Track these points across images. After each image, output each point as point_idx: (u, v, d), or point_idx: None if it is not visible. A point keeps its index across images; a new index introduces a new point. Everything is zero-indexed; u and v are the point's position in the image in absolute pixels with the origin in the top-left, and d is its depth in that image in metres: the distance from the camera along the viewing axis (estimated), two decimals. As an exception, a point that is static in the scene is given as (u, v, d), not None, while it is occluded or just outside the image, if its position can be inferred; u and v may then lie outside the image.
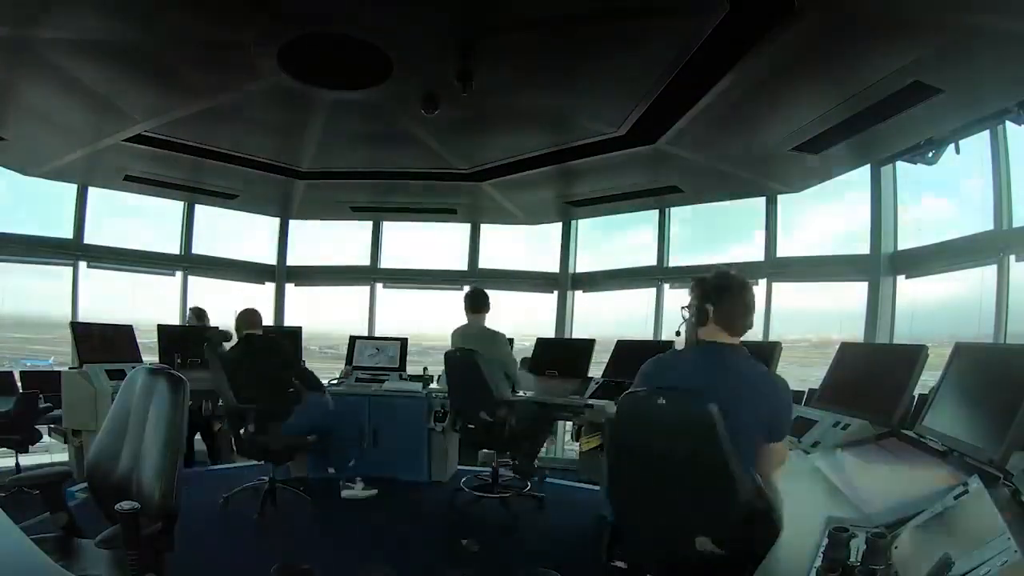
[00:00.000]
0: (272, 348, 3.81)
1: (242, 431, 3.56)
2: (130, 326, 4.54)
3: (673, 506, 1.70)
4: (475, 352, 3.60)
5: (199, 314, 5.10)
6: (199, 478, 4.21)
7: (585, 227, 6.46)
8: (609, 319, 6.40)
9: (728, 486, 1.55)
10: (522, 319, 6.47)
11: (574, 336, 6.14)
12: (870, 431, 2.03)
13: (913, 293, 4.46)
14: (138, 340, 4.53)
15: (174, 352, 4.42)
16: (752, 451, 1.70)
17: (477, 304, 3.92)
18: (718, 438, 1.54)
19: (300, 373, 3.88)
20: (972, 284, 4.00)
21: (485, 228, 6.55)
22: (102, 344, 4.21)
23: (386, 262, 6.67)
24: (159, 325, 4.64)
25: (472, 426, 3.75)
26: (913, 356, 2.02)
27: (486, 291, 4.03)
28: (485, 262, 6.55)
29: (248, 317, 3.82)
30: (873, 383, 2.20)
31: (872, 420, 2.05)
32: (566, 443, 5.64)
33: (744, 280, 1.91)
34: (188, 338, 4.54)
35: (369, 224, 6.62)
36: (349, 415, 4.24)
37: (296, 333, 5.08)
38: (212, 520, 3.52)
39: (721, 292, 1.86)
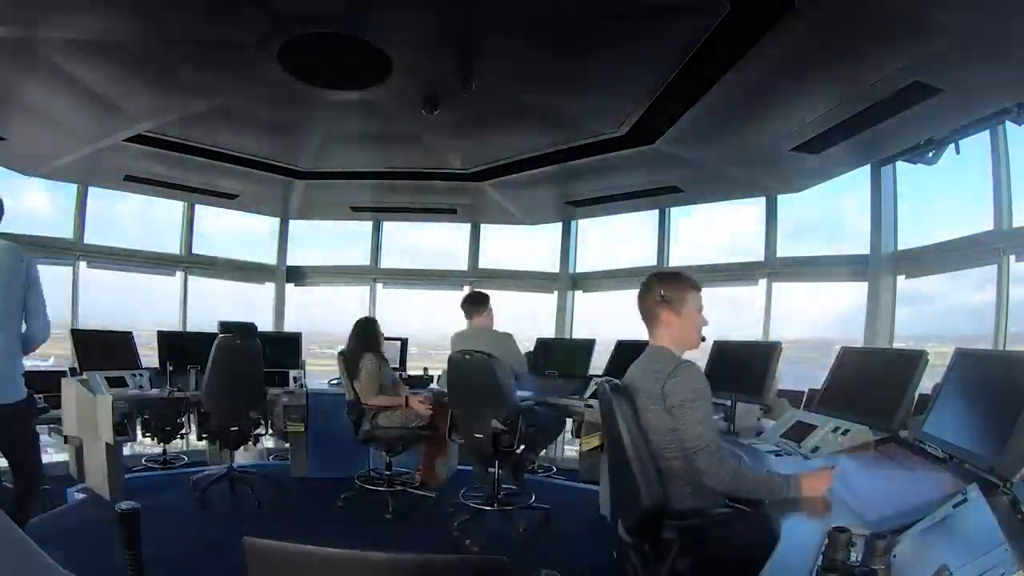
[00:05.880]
0: None
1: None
2: (129, 333, 4.54)
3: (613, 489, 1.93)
4: (489, 355, 3.40)
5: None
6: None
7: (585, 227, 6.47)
8: (609, 319, 6.39)
9: (630, 478, 1.74)
10: (522, 319, 6.48)
11: (574, 336, 6.14)
12: (869, 436, 2.02)
13: (913, 293, 4.47)
14: (139, 341, 4.54)
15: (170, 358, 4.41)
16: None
17: (476, 305, 3.79)
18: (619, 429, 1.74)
19: None
20: (972, 284, 4.01)
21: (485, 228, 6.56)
22: (102, 350, 4.21)
23: (390, 262, 6.67)
24: (159, 332, 4.64)
25: (479, 436, 3.49)
26: (913, 361, 2.02)
27: (485, 292, 3.95)
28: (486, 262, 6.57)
29: None
30: (873, 388, 2.19)
31: (872, 425, 2.05)
32: (566, 443, 5.64)
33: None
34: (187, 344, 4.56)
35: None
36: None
37: (296, 338, 5.08)
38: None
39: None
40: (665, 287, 1.89)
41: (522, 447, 3.51)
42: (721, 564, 1.69)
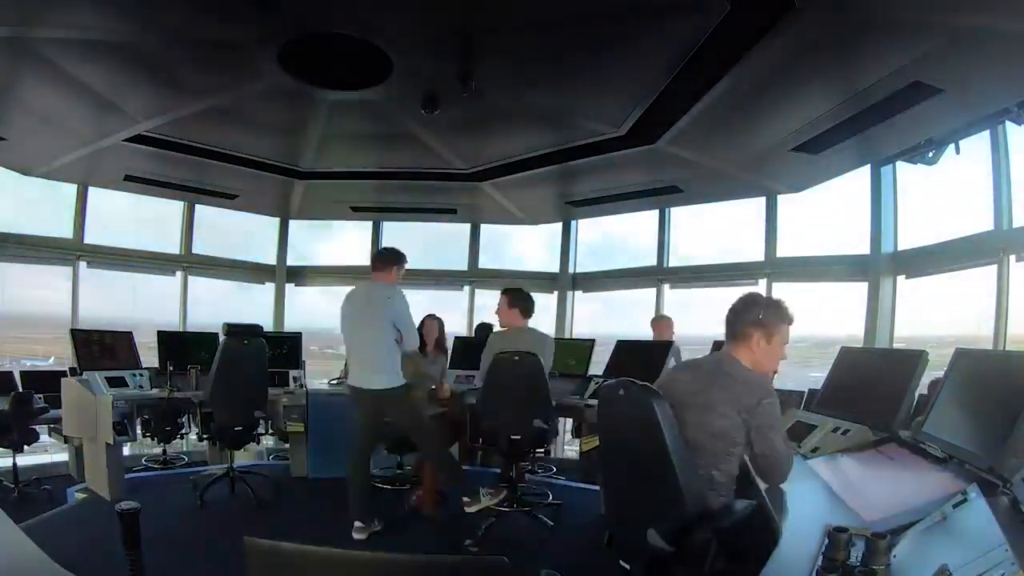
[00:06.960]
0: None
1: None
2: (129, 332, 4.53)
3: (632, 495, 1.82)
4: (537, 356, 3.39)
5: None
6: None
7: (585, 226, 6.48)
8: (609, 319, 6.40)
9: (671, 483, 1.63)
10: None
11: (574, 336, 6.14)
12: (869, 436, 2.02)
13: (913, 293, 4.47)
14: (139, 341, 4.53)
15: (170, 358, 4.41)
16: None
17: (529, 307, 3.65)
18: (662, 434, 1.63)
19: None
20: (972, 284, 4.00)
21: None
22: (102, 350, 4.20)
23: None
24: (159, 332, 4.63)
25: (517, 437, 3.46)
26: (913, 361, 2.01)
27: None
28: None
29: None
30: (873, 388, 2.19)
31: (872, 425, 2.04)
32: (566, 443, 5.64)
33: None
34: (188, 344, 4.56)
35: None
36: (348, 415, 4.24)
37: (296, 338, 5.07)
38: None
39: None
40: (766, 311, 1.89)
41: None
42: (746, 557, 1.67)
